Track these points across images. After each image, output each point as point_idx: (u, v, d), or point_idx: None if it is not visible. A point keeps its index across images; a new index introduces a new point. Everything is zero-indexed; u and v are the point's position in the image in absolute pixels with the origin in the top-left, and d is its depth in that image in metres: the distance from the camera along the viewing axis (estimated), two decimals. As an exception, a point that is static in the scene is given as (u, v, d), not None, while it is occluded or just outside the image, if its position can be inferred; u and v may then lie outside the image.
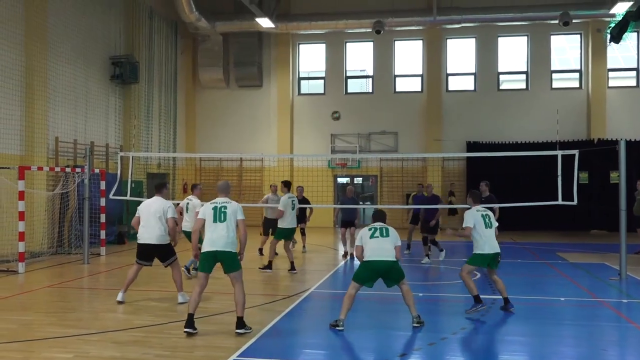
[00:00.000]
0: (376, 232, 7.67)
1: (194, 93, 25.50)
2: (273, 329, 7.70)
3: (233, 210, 7.54)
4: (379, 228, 7.74)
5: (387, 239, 7.65)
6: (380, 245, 7.60)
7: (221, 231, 7.38)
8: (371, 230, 7.72)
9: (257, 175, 24.49)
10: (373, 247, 7.61)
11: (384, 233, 7.68)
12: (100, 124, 18.90)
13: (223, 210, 7.50)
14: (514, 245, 17.95)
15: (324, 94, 25.01)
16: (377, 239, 7.63)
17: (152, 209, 9.12)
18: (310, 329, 8.15)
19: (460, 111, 23.71)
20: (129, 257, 14.71)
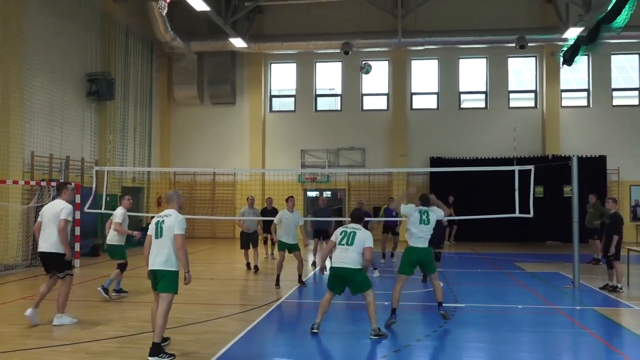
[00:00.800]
0: (344, 239, 7.66)
1: (169, 110, 25.30)
2: (244, 338, 7.62)
3: (170, 225, 6.64)
4: (348, 233, 7.68)
5: (351, 248, 7.58)
6: (344, 253, 7.61)
7: (157, 248, 6.66)
8: (341, 235, 7.72)
9: (229, 189, 24.35)
10: (337, 254, 7.69)
11: (350, 241, 7.61)
12: (76, 138, 18.59)
13: (161, 225, 6.68)
14: (474, 255, 18.14)
15: (295, 111, 25.06)
16: (342, 246, 7.65)
17: (50, 212, 8.23)
18: (280, 338, 8.09)
19: (424, 128, 23.99)
20: (104, 269, 14.46)
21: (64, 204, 8.29)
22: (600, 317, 9.17)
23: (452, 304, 9.85)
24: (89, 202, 14.08)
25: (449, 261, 14.87)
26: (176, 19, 22.14)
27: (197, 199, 24.28)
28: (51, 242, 8.15)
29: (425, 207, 8.79)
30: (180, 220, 6.67)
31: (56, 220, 8.12)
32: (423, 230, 8.60)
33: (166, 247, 6.60)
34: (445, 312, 8.78)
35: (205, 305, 9.84)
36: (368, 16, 23.21)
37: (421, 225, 8.60)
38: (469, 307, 9.73)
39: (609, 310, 9.67)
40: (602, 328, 8.58)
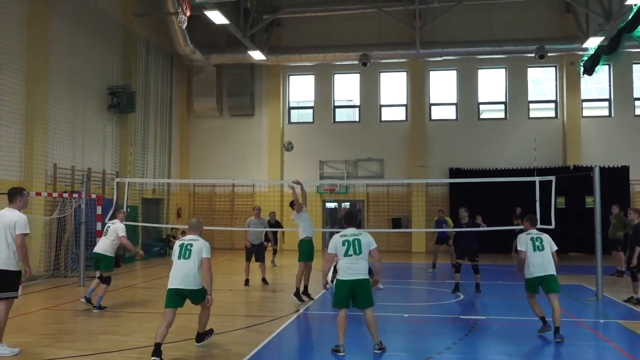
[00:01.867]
0: (349, 249, 7.20)
1: (189, 122, 25.54)
2: (263, 350, 7.61)
3: (198, 249, 7.32)
4: (352, 242, 7.23)
5: (360, 257, 7.21)
6: (353, 264, 7.19)
7: (184, 269, 7.27)
8: (345, 246, 7.23)
9: (248, 200, 24.44)
10: (345, 266, 7.23)
11: (357, 250, 7.20)
12: (98, 151, 18.85)
13: (189, 248, 7.34)
14: (495, 267, 17.95)
15: (313, 123, 25.14)
16: (350, 257, 7.20)
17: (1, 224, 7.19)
18: (298, 351, 8.07)
19: (443, 139, 23.89)
20: (124, 280, 14.59)
21: (18, 214, 7.26)
22: (624, 330, 9.01)
23: (472, 317, 9.76)
24: (109, 213, 14.20)
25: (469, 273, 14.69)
26: (196, 32, 22.40)
27: (216, 210, 24.40)
28: (1, 258, 7.09)
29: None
30: (208, 245, 7.43)
31: (7, 233, 7.11)
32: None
33: (194, 268, 7.27)
34: (562, 338, 8.04)
35: (223, 316, 9.86)
36: (386, 27, 23.26)
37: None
38: (489, 320, 9.63)
39: (634, 323, 9.49)
40: (626, 341, 8.42)
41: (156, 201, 22.54)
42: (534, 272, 8.43)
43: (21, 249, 7.15)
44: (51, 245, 15.53)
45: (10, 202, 7.41)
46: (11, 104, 14.73)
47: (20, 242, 7.14)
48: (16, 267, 7.21)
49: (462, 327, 9.04)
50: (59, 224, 15.56)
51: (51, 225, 15.50)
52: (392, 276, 15.19)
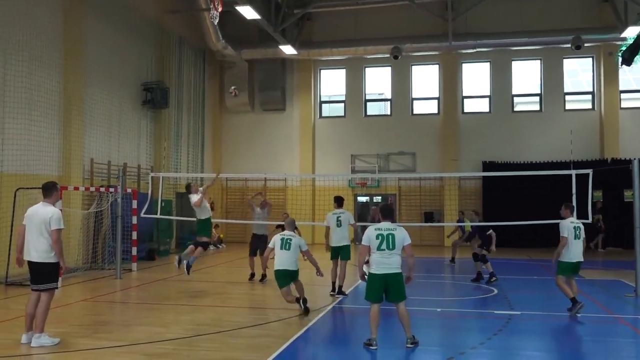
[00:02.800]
0: (382, 244, 7.18)
1: (221, 116, 25.76)
2: (296, 342, 7.66)
3: (296, 243, 9.51)
4: (386, 236, 7.20)
5: (394, 252, 7.20)
6: (386, 258, 7.20)
7: (286, 257, 9.38)
8: (378, 240, 7.21)
9: (280, 195, 24.55)
10: (378, 261, 7.22)
11: (391, 245, 7.18)
12: (133, 146, 19.16)
13: (288, 242, 9.47)
14: (530, 262, 17.69)
15: (344, 117, 25.10)
16: (383, 252, 7.20)
17: (38, 219, 7.39)
18: (331, 343, 8.09)
19: (476, 132, 23.60)
20: (160, 273, 14.84)
21: (52, 210, 7.46)
22: (665, 327, 8.79)
23: (507, 312, 9.64)
24: (145, 207, 14.46)
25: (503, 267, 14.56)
26: (227, 28, 22.54)
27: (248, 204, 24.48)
28: (38, 252, 7.33)
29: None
30: (303, 241, 9.68)
31: (42, 228, 7.33)
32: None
33: (293, 257, 9.45)
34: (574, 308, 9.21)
35: (257, 309, 9.95)
36: (417, 20, 23.04)
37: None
38: (524, 315, 9.49)
39: (675, 320, 9.25)
40: (667, 338, 8.21)
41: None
42: (574, 258, 9.41)
43: (57, 244, 7.34)
44: (89, 239, 15.87)
45: (45, 197, 7.58)
46: (50, 101, 15.09)
47: (56, 237, 7.33)
48: (54, 259, 7.42)
49: (496, 322, 8.93)
50: (96, 218, 15.89)
51: (89, 219, 15.83)
52: (425, 270, 15.10)
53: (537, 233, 19.69)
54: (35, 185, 13.62)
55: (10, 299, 10.96)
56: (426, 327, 8.45)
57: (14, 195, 12.98)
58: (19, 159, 13.79)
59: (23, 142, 14.00)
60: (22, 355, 6.92)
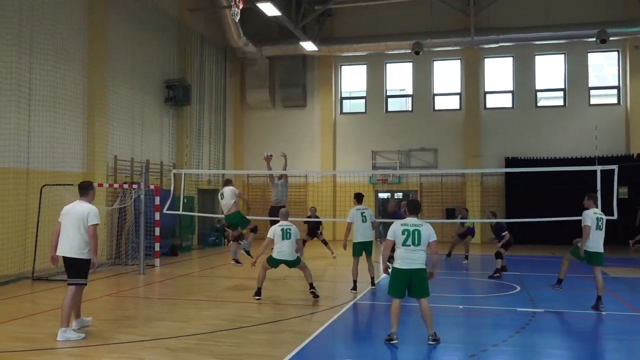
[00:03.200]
0: (408, 239, 7.19)
1: (242, 113, 25.88)
2: (317, 338, 7.68)
3: (295, 231, 10.28)
4: (412, 232, 7.20)
5: (419, 248, 7.20)
6: (411, 253, 7.21)
7: (287, 246, 10.14)
8: (404, 235, 7.21)
9: (301, 191, 24.60)
10: (403, 256, 7.24)
11: (416, 241, 7.19)
12: (155, 143, 19.36)
13: (288, 231, 10.20)
14: (554, 259, 17.50)
15: (365, 113, 25.04)
16: (408, 247, 7.20)
17: (74, 215, 7.64)
18: (352, 340, 8.11)
19: (499, 128, 23.38)
20: (182, 268, 14.99)
21: (90, 206, 7.74)
22: (692, 326, 8.63)
23: (530, 309, 9.56)
24: (167, 203, 14.61)
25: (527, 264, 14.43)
26: (248, 25, 22.63)
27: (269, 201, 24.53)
28: (73, 247, 7.55)
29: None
30: (298, 230, 10.42)
31: (80, 224, 7.57)
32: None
33: (292, 246, 10.21)
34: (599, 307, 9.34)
35: (278, 305, 10.00)
36: (439, 15, 22.88)
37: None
38: (547, 313, 9.39)
39: (703, 318, 9.08)
40: (694, 337, 8.06)
41: (211, 191, 22.99)
42: (591, 247, 9.50)
43: (93, 239, 7.60)
44: (113, 235, 16.09)
45: (82, 195, 7.85)
46: (74, 99, 15.32)
47: (93, 232, 7.59)
48: (87, 256, 7.62)
49: (518, 319, 8.86)
50: (119, 214, 16.09)
51: (112, 215, 16.04)
52: (447, 267, 15.03)
53: (561, 230, 19.43)
54: (60, 182, 13.88)
55: (37, 293, 11.17)
56: (448, 324, 8.42)
57: (40, 192, 13.22)
58: (45, 156, 14.05)
59: (48, 139, 14.26)
60: (49, 349, 7.05)
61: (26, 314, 9.13)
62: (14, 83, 13.26)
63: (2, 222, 12.61)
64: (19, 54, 13.49)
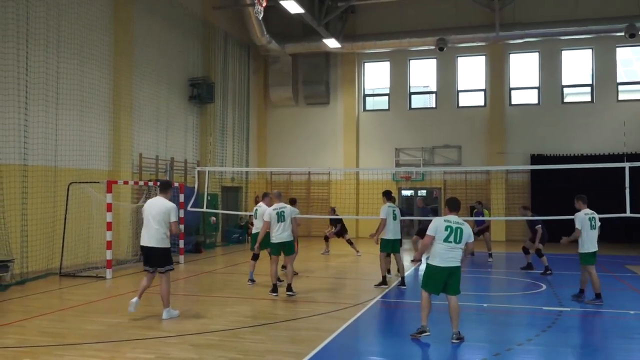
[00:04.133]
0: (450, 236, 7.28)
1: (265, 111, 25.96)
2: (340, 336, 7.68)
3: (289, 212, 10.44)
4: (455, 229, 7.31)
5: (458, 246, 7.30)
6: (451, 251, 7.29)
7: (282, 229, 10.33)
8: (447, 231, 7.30)
9: (324, 189, 24.60)
10: (442, 253, 7.30)
11: (458, 238, 7.28)
12: (180, 140, 19.52)
13: (282, 213, 10.33)
14: (580, 257, 17.20)
15: (389, 110, 24.92)
16: (449, 244, 7.28)
17: (155, 210, 8.47)
18: (376, 337, 8.08)
19: (524, 124, 23.07)
20: (206, 265, 15.10)
21: (171, 204, 8.57)
22: None
23: (556, 308, 9.43)
24: (192, 201, 14.72)
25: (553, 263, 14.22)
26: (271, 22, 22.67)
27: (292, 198, 24.65)
28: (156, 238, 8.44)
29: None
30: (295, 209, 11.00)
31: (161, 218, 8.39)
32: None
33: (289, 227, 10.46)
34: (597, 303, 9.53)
35: (300, 302, 10.00)
36: (463, 10, 22.66)
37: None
38: (574, 311, 9.26)
39: None
40: None
41: (235, 189, 23.12)
42: (589, 248, 9.79)
43: (176, 234, 9.06)
44: (138, 232, 16.20)
45: (162, 192, 8.81)
46: (100, 97, 15.53)
47: (175, 228, 8.60)
48: (168, 245, 8.66)
49: (544, 318, 8.76)
50: (145, 211, 16.23)
51: (138, 212, 16.19)
52: (471, 265, 14.90)
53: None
54: (86, 179, 14.09)
55: (64, 289, 11.36)
56: (472, 322, 8.34)
57: (67, 190, 13.43)
58: (72, 154, 14.27)
59: (75, 137, 14.48)
60: (75, 344, 7.16)
61: (54, 309, 9.29)
62: (41, 82, 13.49)
63: (30, 219, 12.85)
64: (47, 53, 13.72)
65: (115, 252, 13.69)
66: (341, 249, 18.45)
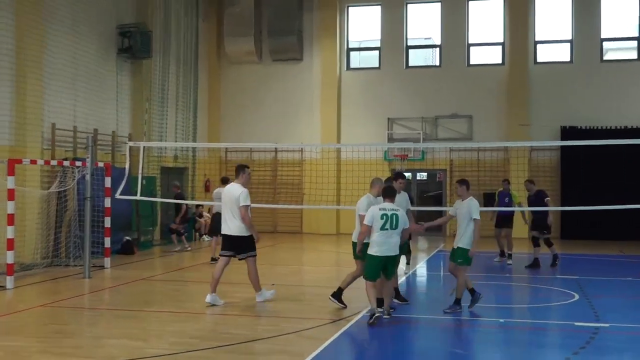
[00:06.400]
0: (386, 224, 9.13)
1: (219, 69, 25.72)
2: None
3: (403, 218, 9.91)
4: (390, 216, 9.16)
5: (395, 232, 9.21)
6: (388, 240, 9.21)
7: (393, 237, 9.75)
8: (383, 220, 9.13)
9: (296, 170, 24.52)
10: (380, 242, 9.19)
11: (394, 224, 9.17)
12: (106, 107, 19.19)
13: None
14: (623, 258, 17.46)
15: (379, 69, 24.89)
16: (385, 232, 9.14)
17: (227, 197, 10.62)
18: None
19: (553, 88, 23.21)
20: (139, 270, 14.93)
21: (241, 188, 10.51)
22: None
23: (591, 323, 9.50)
24: (121, 186, 14.50)
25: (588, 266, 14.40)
26: (227, -48, 22.39)
27: (254, 183, 24.42)
28: (233, 226, 10.47)
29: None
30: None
31: (233, 205, 10.44)
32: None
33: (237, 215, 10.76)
34: None
35: (267, 318, 9.96)
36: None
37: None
38: (613, 328, 9.36)
39: None
40: None
41: (179, 171, 22.89)
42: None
43: (245, 220, 10.42)
44: (49, 227, 15.99)
45: (236, 177, 10.79)
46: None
47: (244, 213, 10.36)
48: (248, 233, 10.54)
49: (576, 337, 8.83)
50: (58, 200, 15.98)
51: (49, 200, 15.94)
52: (485, 270, 15.00)
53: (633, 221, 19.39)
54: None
55: None
56: (486, 343, 8.39)
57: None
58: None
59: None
60: None
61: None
62: None
63: None
64: None
65: (18, 253, 13.45)
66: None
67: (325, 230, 23.94)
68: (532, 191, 15.43)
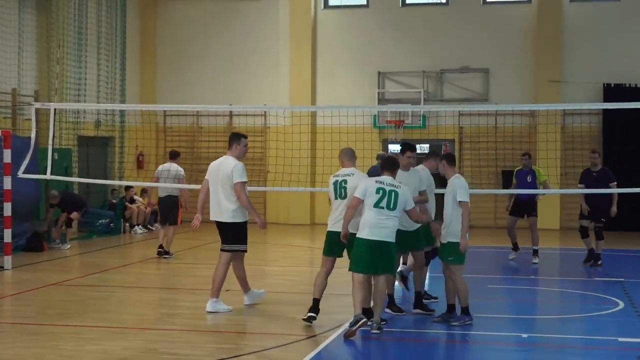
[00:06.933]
0: (382, 200, 9.27)
1: (155, 6, 25.60)
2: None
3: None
4: (388, 192, 9.31)
5: (393, 214, 9.33)
6: (384, 221, 9.31)
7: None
8: (378, 194, 9.29)
9: (257, 140, 24.50)
10: (373, 223, 9.30)
11: (392, 204, 9.29)
12: (4, 57, 19.07)
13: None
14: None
15: (367, 6, 24.91)
16: (380, 210, 9.29)
17: (220, 173, 10.79)
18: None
19: (593, 35, 23.39)
20: (50, 273, 14.89)
21: (235, 161, 10.75)
22: None
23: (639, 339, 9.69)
24: (26, 161, 14.44)
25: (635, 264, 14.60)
26: None
27: (202, 157, 24.52)
28: (226, 210, 10.74)
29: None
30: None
31: (225, 183, 10.66)
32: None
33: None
34: None
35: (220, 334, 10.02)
36: None
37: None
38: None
39: None
40: None
41: (102, 141, 22.83)
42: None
43: (241, 198, 10.65)
44: None
45: (228, 148, 11.04)
46: None
47: (239, 191, 10.59)
48: (241, 219, 10.84)
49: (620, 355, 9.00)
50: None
51: None
52: (502, 271, 15.17)
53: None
54: None
55: None
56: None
57: None
58: None
59: None
60: None
61: None
62: None
63: None
64: None
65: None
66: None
67: (297, 220, 24.03)
68: (597, 167, 15.52)
